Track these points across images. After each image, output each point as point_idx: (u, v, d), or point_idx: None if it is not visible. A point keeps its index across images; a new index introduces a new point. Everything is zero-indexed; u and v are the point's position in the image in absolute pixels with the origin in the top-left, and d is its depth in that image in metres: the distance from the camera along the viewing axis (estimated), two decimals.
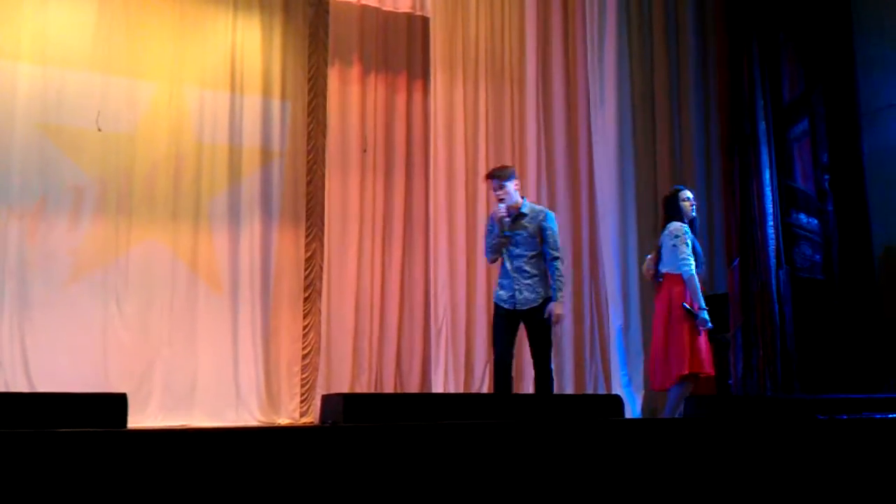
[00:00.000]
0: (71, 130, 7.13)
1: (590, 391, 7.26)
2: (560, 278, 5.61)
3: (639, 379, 6.92)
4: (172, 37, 7.54)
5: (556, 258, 5.62)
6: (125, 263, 7.16)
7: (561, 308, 5.64)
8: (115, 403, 3.45)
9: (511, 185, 5.67)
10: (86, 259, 7.05)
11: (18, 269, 6.81)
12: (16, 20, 7.02)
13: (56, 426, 2.95)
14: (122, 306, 7.07)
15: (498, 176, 5.71)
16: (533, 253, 5.63)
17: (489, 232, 5.76)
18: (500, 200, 5.63)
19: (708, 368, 5.58)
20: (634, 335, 7.06)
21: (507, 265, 5.66)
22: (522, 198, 5.77)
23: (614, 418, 3.49)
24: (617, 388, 6.92)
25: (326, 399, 3.60)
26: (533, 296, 5.58)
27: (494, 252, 5.74)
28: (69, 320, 6.90)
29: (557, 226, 5.77)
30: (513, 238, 5.65)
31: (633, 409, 6.66)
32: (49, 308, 6.86)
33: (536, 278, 5.60)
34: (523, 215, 5.68)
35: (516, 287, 5.59)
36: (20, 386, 6.55)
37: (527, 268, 5.61)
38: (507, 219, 5.64)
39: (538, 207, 5.84)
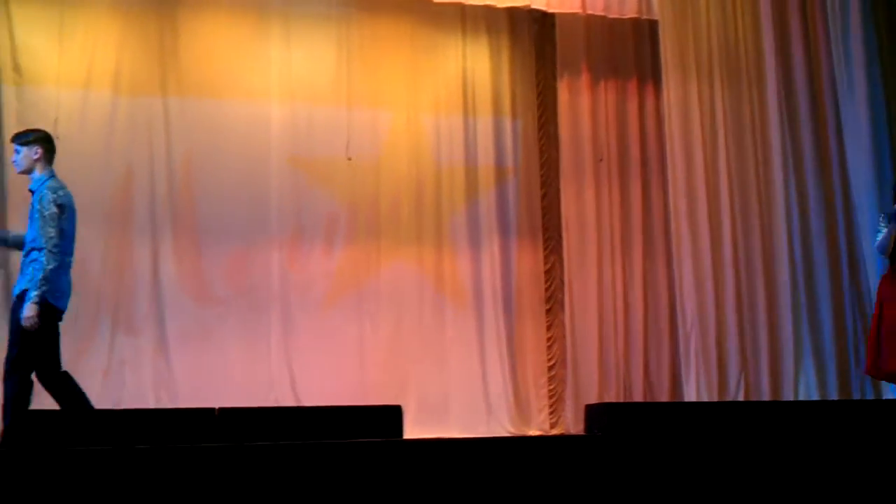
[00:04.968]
0: (321, 161, 7.58)
1: (856, 398, 6.82)
2: (43, 272, 4.59)
3: None
4: (407, 65, 7.87)
5: (43, 249, 4.63)
6: (376, 284, 7.52)
7: (32, 310, 4.58)
8: (390, 415, 3.63)
9: (29, 152, 4.79)
10: (341, 282, 7.47)
11: (281, 294, 7.31)
12: (264, 61, 7.54)
13: (339, 437, 3.14)
14: (376, 325, 7.45)
15: (14, 139, 4.89)
16: (33, 237, 4.72)
17: None
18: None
19: None
20: None
21: None
22: (50, 173, 4.78)
23: None
24: (887, 395, 6.47)
25: (590, 409, 3.61)
26: (18, 289, 4.71)
27: None
28: (328, 340, 7.33)
29: (64, 203, 4.68)
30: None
31: None
32: (310, 329, 7.32)
33: (27, 270, 4.70)
34: (31, 192, 4.80)
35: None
36: (288, 402, 7.01)
37: (27, 257, 4.75)
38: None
39: (51, 182, 4.77)
